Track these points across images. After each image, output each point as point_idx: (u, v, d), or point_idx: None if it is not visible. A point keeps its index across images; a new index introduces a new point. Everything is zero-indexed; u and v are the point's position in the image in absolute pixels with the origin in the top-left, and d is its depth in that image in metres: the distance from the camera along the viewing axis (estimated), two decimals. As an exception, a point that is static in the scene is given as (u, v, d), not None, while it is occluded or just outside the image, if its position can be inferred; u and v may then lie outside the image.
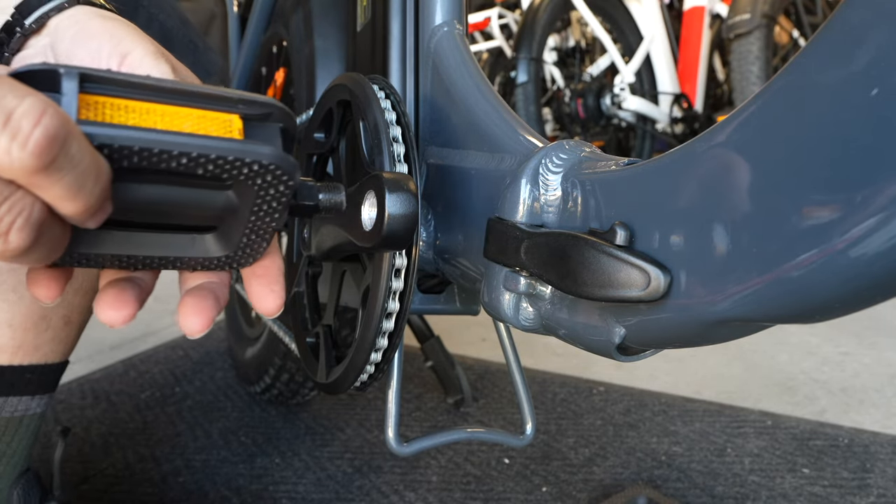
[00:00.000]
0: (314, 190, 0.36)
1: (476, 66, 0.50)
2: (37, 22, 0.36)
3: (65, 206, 0.24)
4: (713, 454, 0.86)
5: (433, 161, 0.52)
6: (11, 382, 0.52)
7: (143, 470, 0.84)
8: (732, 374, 1.13)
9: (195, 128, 0.28)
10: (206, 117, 0.29)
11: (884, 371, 1.12)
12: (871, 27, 0.20)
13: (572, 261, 0.31)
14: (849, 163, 0.21)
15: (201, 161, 0.26)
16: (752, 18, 1.93)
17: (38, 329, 0.52)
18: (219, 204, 0.30)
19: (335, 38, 0.73)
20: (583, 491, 0.78)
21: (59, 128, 0.21)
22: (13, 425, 0.53)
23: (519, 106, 2.12)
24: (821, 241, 0.22)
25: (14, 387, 0.52)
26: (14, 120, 0.20)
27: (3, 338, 0.51)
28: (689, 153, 0.28)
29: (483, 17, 2.78)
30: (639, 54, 2.41)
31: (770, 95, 0.24)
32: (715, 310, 0.26)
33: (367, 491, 0.79)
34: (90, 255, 0.30)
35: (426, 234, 0.51)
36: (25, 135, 0.21)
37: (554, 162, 0.36)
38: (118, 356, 1.23)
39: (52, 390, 0.56)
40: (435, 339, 1.03)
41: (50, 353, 0.54)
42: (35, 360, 0.53)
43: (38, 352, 0.53)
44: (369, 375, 0.46)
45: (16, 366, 0.52)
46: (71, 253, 0.29)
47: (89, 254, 0.30)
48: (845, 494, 0.76)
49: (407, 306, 0.43)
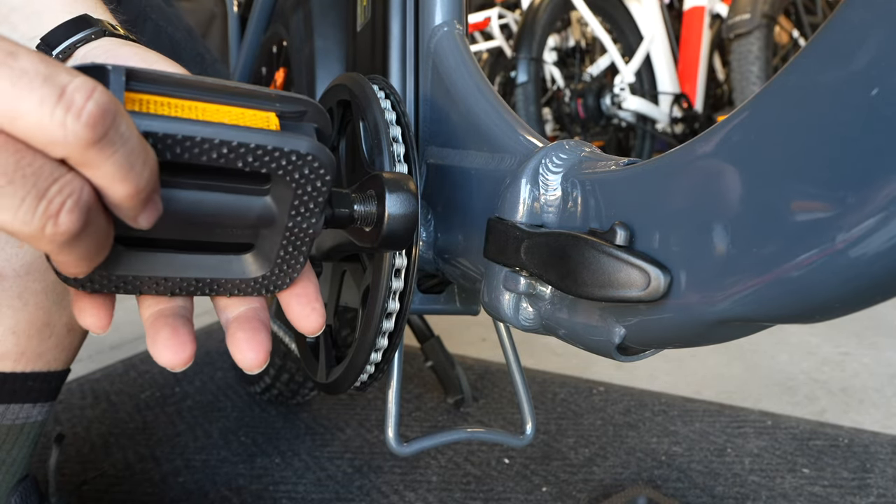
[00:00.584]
0: (348, 198, 0.35)
1: (476, 66, 0.50)
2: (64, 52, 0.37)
3: (116, 189, 0.23)
4: (713, 454, 0.86)
5: (433, 161, 0.52)
6: (14, 390, 0.51)
7: (143, 470, 0.84)
8: (732, 374, 1.13)
9: (235, 122, 0.29)
10: (245, 114, 0.29)
11: (884, 371, 1.12)
12: (871, 27, 0.20)
13: (572, 261, 0.31)
14: (848, 163, 0.21)
15: (241, 152, 0.27)
16: (752, 18, 1.93)
17: (41, 336, 0.52)
18: (256, 212, 0.30)
19: (335, 38, 0.73)
20: (583, 491, 0.78)
21: (109, 102, 0.22)
22: (14, 433, 0.52)
23: (519, 106, 2.12)
24: (821, 241, 0.22)
25: (16, 394, 0.52)
26: (68, 93, 0.21)
27: (7, 344, 0.50)
28: (689, 153, 0.28)
29: (483, 17, 2.78)
30: (639, 54, 2.41)
31: (770, 95, 0.24)
32: (715, 310, 0.26)
33: (367, 491, 0.79)
34: (128, 277, 0.30)
35: (426, 234, 0.51)
36: (79, 107, 0.21)
37: (554, 162, 0.36)
38: (118, 356, 1.23)
39: (54, 398, 0.56)
40: (435, 339, 1.03)
41: (53, 360, 0.54)
42: (38, 367, 0.53)
43: (41, 359, 0.53)
44: (369, 375, 0.46)
45: (18, 373, 0.51)
46: (109, 276, 0.29)
47: (127, 276, 0.30)
48: (845, 494, 0.76)
49: (407, 306, 0.43)
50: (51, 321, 0.52)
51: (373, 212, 0.35)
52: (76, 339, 0.56)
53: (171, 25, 0.57)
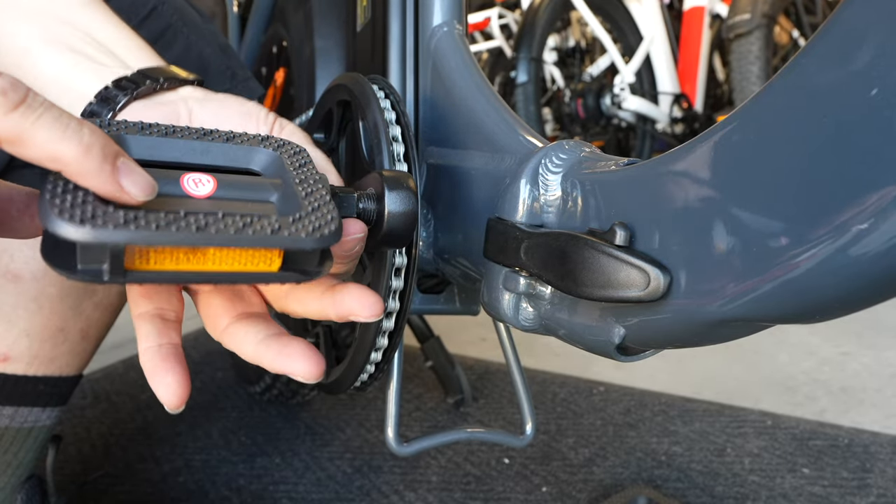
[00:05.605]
0: (352, 197, 0.34)
1: (476, 67, 0.50)
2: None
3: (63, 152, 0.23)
4: (713, 454, 0.86)
5: (433, 161, 0.52)
6: (24, 393, 0.51)
7: (143, 470, 0.84)
8: (732, 374, 1.13)
9: (236, 269, 0.28)
10: (247, 258, 0.28)
11: (884, 371, 1.12)
12: (871, 27, 0.20)
13: (572, 261, 0.31)
14: (848, 163, 0.21)
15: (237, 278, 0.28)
16: (752, 18, 1.93)
17: (55, 341, 0.52)
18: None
19: (335, 38, 0.73)
20: (583, 491, 0.78)
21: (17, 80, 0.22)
22: (21, 436, 0.52)
23: (519, 106, 2.12)
24: (821, 240, 0.22)
25: (26, 397, 0.51)
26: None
27: (20, 347, 0.50)
28: (689, 153, 0.28)
29: (483, 17, 2.78)
30: (639, 54, 2.41)
31: (770, 95, 0.24)
32: (715, 310, 0.26)
33: (367, 491, 0.79)
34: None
35: (426, 234, 0.51)
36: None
37: (554, 162, 0.36)
38: (118, 356, 1.23)
39: (64, 403, 0.55)
40: (435, 339, 1.03)
41: (65, 365, 0.53)
42: (50, 371, 0.52)
43: (53, 364, 0.52)
44: (369, 375, 0.46)
45: (30, 376, 0.51)
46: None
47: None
48: (845, 494, 0.76)
49: (407, 305, 0.43)
50: (65, 326, 0.52)
51: (372, 210, 0.35)
52: (90, 345, 0.55)
53: (203, 41, 0.57)
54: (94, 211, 0.23)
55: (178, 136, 0.30)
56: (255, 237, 0.26)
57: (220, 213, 0.26)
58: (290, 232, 0.27)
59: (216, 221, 0.25)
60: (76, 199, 0.24)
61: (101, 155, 0.24)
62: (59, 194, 0.24)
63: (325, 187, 0.30)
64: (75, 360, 0.54)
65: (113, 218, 0.23)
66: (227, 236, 0.25)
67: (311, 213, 0.28)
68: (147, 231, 0.23)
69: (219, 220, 0.25)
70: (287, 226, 0.27)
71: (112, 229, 0.23)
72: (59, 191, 0.24)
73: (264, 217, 0.26)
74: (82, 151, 0.23)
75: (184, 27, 0.55)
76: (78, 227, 0.23)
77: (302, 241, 0.27)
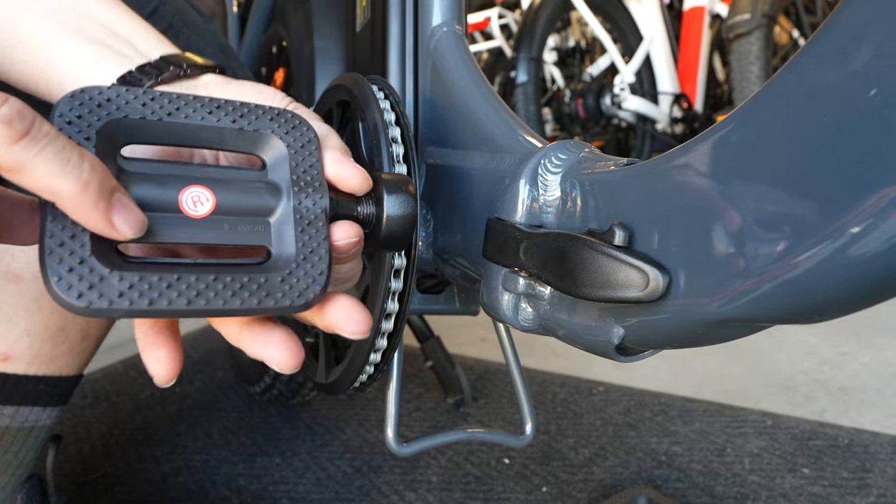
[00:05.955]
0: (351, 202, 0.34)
1: (476, 67, 0.50)
2: None
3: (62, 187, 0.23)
4: (713, 454, 0.86)
5: (432, 161, 0.52)
6: (24, 392, 0.51)
7: (143, 470, 0.84)
8: (732, 374, 1.13)
9: None
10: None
11: (884, 371, 1.12)
12: (870, 27, 0.20)
13: (571, 261, 0.31)
14: (848, 163, 0.21)
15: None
16: (752, 18, 1.93)
17: (55, 340, 0.52)
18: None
19: (335, 38, 0.73)
20: (583, 491, 0.78)
21: (25, 107, 0.22)
22: (22, 436, 0.52)
23: (519, 106, 2.12)
24: (820, 240, 0.22)
25: (27, 397, 0.51)
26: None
27: (21, 346, 0.50)
28: (689, 153, 0.28)
29: (483, 17, 2.78)
30: (639, 54, 2.40)
31: (769, 95, 0.24)
32: (714, 310, 0.26)
33: (367, 491, 0.79)
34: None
35: (425, 235, 0.51)
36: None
37: (553, 162, 0.36)
38: (118, 356, 1.23)
39: (64, 403, 0.55)
40: (435, 339, 1.03)
41: (65, 365, 0.54)
42: (50, 371, 0.52)
43: (53, 363, 0.52)
44: (369, 376, 0.46)
45: (31, 375, 0.51)
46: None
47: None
48: (845, 494, 0.76)
49: (406, 307, 0.43)
50: (66, 326, 0.52)
51: (371, 213, 0.35)
52: (90, 345, 0.56)
53: (203, 41, 0.57)
54: (92, 280, 0.25)
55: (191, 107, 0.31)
56: (242, 308, 0.28)
57: (212, 276, 0.28)
58: (277, 300, 0.29)
59: (207, 289, 0.27)
60: (74, 258, 0.25)
61: (97, 192, 0.24)
62: (58, 248, 0.25)
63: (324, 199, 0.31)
64: (76, 360, 0.54)
65: (109, 290, 0.25)
66: (216, 308, 0.27)
67: (302, 265, 0.30)
68: (140, 307, 0.26)
69: (210, 287, 0.27)
70: (274, 292, 0.29)
71: (108, 306, 0.25)
72: (58, 244, 0.25)
73: (254, 279, 0.29)
74: (80, 189, 0.24)
75: (184, 27, 0.55)
76: (76, 301, 0.25)
77: (287, 309, 0.29)
